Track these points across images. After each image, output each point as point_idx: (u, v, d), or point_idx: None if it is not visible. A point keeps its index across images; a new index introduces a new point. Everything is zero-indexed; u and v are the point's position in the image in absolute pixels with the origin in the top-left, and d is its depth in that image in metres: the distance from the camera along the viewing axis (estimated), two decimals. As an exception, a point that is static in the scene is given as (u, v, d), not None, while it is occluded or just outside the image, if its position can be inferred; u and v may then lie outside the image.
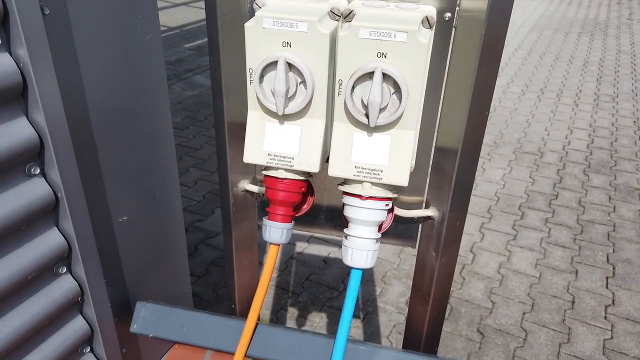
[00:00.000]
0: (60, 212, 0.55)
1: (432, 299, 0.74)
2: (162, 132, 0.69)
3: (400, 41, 0.49)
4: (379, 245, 0.61)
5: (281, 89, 0.52)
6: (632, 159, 2.91)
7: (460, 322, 1.77)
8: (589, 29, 5.83)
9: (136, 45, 0.60)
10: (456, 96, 0.60)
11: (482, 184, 2.63)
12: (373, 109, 0.51)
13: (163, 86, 0.66)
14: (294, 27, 0.51)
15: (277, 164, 0.58)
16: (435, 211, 0.68)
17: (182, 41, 5.10)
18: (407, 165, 0.55)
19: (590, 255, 2.11)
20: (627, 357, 1.64)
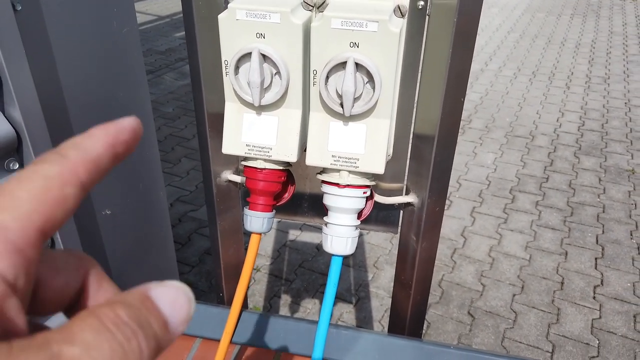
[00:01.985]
0: (41, 206, 0.55)
1: (415, 283, 0.76)
2: (143, 124, 0.69)
3: (372, 31, 0.50)
4: (358, 232, 0.62)
5: (256, 80, 0.53)
6: (623, 140, 2.93)
7: (451, 305, 1.79)
8: (581, 11, 5.81)
9: (112, 38, 0.60)
10: (432, 83, 0.61)
11: (474, 168, 2.65)
12: (347, 98, 0.52)
13: (142, 78, 0.66)
14: (267, 19, 0.52)
15: (256, 154, 0.59)
16: (414, 197, 0.70)
17: (173, 30, 5.06)
18: (383, 153, 0.56)
19: (579, 236, 2.14)
20: (615, 336, 1.67)
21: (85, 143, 0.18)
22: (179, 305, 0.17)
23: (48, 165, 0.17)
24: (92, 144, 0.18)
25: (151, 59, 4.23)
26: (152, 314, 0.16)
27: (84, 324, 0.15)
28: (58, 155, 0.17)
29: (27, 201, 0.16)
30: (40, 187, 0.16)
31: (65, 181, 0.17)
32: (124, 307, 0.16)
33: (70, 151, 0.17)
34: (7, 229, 0.15)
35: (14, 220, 0.15)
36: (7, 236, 0.15)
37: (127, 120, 0.19)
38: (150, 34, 4.89)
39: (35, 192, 0.16)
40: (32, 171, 0.16)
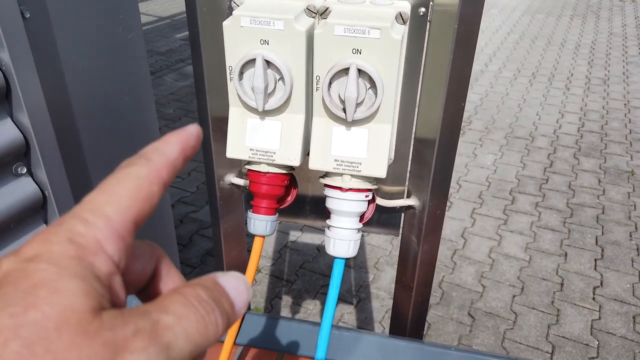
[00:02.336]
0: (49, 209, 0.56)
1: (416, 285, 0.76)
2: (148, 128, 0.70)
3: (374, 37, 0.51)
4: (360, 235, 0.63)
5: (260, 86, 0.54)
6: (622, 141, 2.94)
7: (451, 306, 1.80)
8: (581, 12, 5.82)
9: (118, 44, 0.61)
10: (433, 88, 0.62)
11: (474, 169, 2.66)
12: (350, 104, 0.53)
13: (146, 83, 0.67)
14: (271, 25, 0.53)
15: (259, 158, 0.60)
16: (416, 200, 0.70)
17: (173, 31, 5.07)
18: (385, 157, 0.57)
19: (579, 238, 2.15)
20: (614, 337, 1.68)
21: (164, 148, 0.21)
22: (241, 291, 0.21)
23: (138, 167, 0.20)
24: (170, 148, 0.21)
25: (152, 60, 4.24)
26: (222, 295, 0.20)
27: (174, 299, 0.18)
28: (144, 159, 0.20)
29: (125, 197, 0.19)
30: (134, 186, 0.19)
31: (152, 181, 0.20)
32: (202, 288, 0.19)
33: (154, 155, 0.20)
34: (112, 220, 0.18)
35: (117, 213, 0.19)
36: (112, 226, 0.18)
37: (193, 128, 0.22)
38: (151, 35, 4.89)
39: (131, 190, 0.19)
40: (126, 172, 0.20)
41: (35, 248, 0.17)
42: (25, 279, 0.16)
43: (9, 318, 0.15)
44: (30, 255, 0.17)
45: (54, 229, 0.18)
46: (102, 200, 0.19)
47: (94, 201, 0.19)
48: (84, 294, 0.16)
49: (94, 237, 0.18)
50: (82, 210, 0.18)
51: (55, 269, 0.16)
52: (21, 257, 0.17)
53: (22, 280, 0.16)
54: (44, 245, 0.17)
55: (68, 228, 0.18)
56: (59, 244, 0.17)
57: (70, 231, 0.17)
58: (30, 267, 0.16)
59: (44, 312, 0.15)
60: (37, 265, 0.16)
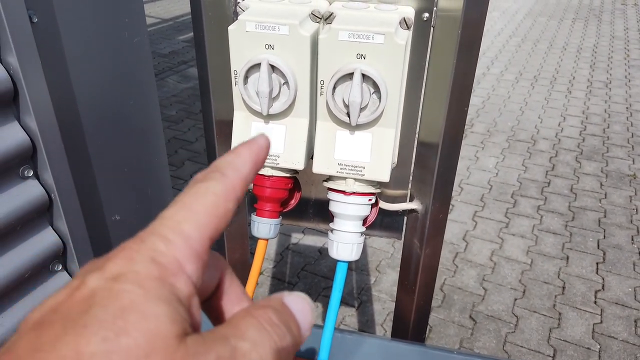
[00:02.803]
0: (55, 212, 0.57)
1: (418, 288, 0.77)
2: (152, 132, 0.71)
3: (378, 43, 0.51)
4: (363, 238, 0.64)
5: (265, 90, 0.54)
6: (624, 145, 2.94)
7: (452, 309, 1.80)
8: (583, 15, 5.82)
9: (124, 49, 0.61)
10: (436, 93, 0.62)
11: (475, 172, 2.66)
12: (354, 108, 0.53)
13: (152, 87, 0.68)
14: (276, 30, 0.53)
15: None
16: (418, 204, 0.71)
17: (176, 33, 5.08)
18: (388, 161, 0.57)
19: (581, 241, 2.15)
20: (616, 341, 1.68)
21: (237, 162, 0.21)
22: (306, 313, 0.21)
23: (214, 183, 0.20)
24: (243, 163, 0.21)
25: (154, 62, 4.25)
26: (291, 318, 0.20)
27: (249, 323, 0.18)
28: (220, 174, 0.20)
29: (202, 214, 0.19)
30: (211, 202, 0.19)
31: (227, 197, 0.20)
32: (273, 311, 0.19)
33: (229, 170, 0.20)
34: (190, 237, 0.18)
35: (195, 231, 0.19)
36: (191, 244, 0.18)
37: (262, 139, 0.22)
38: (154, 37, 4.91)
39: (208, 206, 0.19)
40: (204, 188, 0.20)
41: (119, 266, 0.17)
42: (114, 301, 0.16)
43: (102, 343, 0.15)
44: (115, 273, 0.17)
45: (136, 246, 0.18)
46: (181, 217, 0.19)
47: (173, 218, 0.19)
48: (170, 320, 0.16)
49: (175, 257, 0.18)
50: (163, 227, 0.18)
51: (141, 291, 0.16)
52: (106, 275, 0.17)
53: (111, 302, 0.16)
54: (127, 264, 0.17)
55: (150, 247, 0.18)
56: (142, 263, 0.17)
57: (152, 250, 0.18)
58: (116, 288, 0.16)
59: (135, 338, 0.15)
60: (123, 286, 0.16)
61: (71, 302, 0.16)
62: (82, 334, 0.15)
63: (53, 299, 0.17)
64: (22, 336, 0.16)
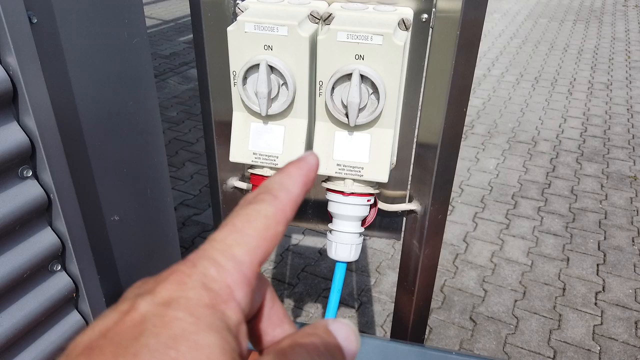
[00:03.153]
0: (54, 212, 0.57)
1: (417, 289, 0.77)
2: (152, 132, 0.71)
3: (377, 44, 0.51)
4: (362, 239, 0.64)
5: (263, 91, 0.54)
6: (625, 146, 2.93)
7: (453, 311, 1.80)
8: (584, 16, 5.82)
9: (123, 49, 0.62)
10: (435, 94, 0.62)
11: (476, 173, 2.66)
12: (352, 109, 0.53)
13: (151, 87, 0.68)
14: (275, 31, 0.53)
15: (263, 162, 0.60)
16: (417, 205, 0.71)
17: (177, 34, 5.09)
18: (387, 162, 0.57)
19: (581, 242, 2.14)
20: (616, 342, 1.67)
21: (288, 183, 0.20)
22: (351, 342, 0.20)
23: (266, 205, 0.19)
24: (293, 184, 0.20)
25: (155, 63, 4.26)
26: (336, 348, 0.20)
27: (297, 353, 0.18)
28: (272, 196, 0.20)
29: (253, 238, 0.19)
30: (262, 225, 0.19)
31: (278, 220, 0.19)
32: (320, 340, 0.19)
33: (281, 193, 0.20)
34: (241, 262, 0.18)
35: (246, 255, 0.18)
36: (242, 270, 0.18)
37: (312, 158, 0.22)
38: (155, 38, 4.92)
39: (259, 230, 0.19)
40: (256, 210, 0.19)
41: (170, 290, 0.17)
42: (165, 329, 0.16)
43: None
44: (167, 298, 0.17)
45: (187, 269, 0.18)
46: (232, 241, 0.19)
47: (224, 241, 0.19)
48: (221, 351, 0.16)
49: (226, 283, 0.18)
50: (214, 251, 0.18)
51: (193, 319, 0.16)
52: (157, 300, 0.17)
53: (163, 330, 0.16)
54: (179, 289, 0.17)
55: (201, 271, 0.18)
56: (193, 290, 0.17)
57: (203, 275, 0.17)
58: (168, 315, 0.16)
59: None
60: (174, 313, 0.16)
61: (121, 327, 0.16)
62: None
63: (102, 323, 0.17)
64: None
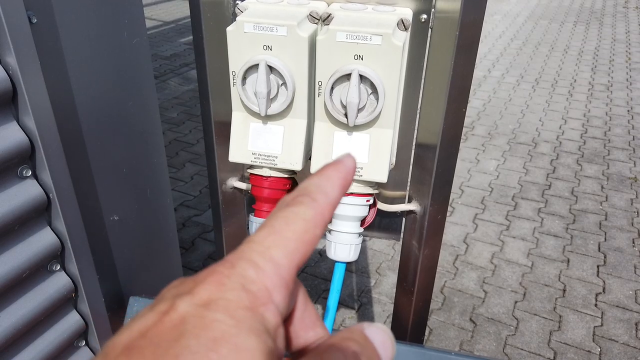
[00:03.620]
0: (53, 212, 0.57)
1: (417, 289, 0.77)
2: (152, 132, 0.71)
3: (376, 44, 0.51)
4: (361, 239, 0.64)
5: (263, 91, 0.54)
6: (625, 148, 2.93)
7: (453, 312, 1.80)
8: (584, 18, 5.82)
9: (123, 49, 0.62)
10: (434, 94, 0.62)
11: (476, 175, 2.66)
12: (351, 109, 0.53)
13: (151, 87, 0.68)
14: (274, 31, 0.53)
15: (262, 162, 0.60)
16: (417, 205, 0.71)
17: (178, 35, 5.09)
18: (386, 162, 0.57)
19: (582, 244, 2.14)
20: (616, 344, 1.67)
21: (326, 186, 0.20)
22: (387, 347, 0.20)
23: (305, 208, 0.19)
24: (332, 187, 0.20)
25: (156, 64, 4.26)
26: (374, 353, 0.19)
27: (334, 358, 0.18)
28: (310, 199, 0.20)
29: (292, 241, 0.19)
30: (301, 228, 0.19)
31: (316, 223, 0.19)
32: (357, 345, 0.19)
33: (319, 195, 0.20)
34: (280, 265, 0.18)
35: (284, 257, 0.18)
36: (280, 272, 0.18)
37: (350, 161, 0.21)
38: (155, 40, 4.92)
39: (298, 233, 0.19)
40: (294, 213, 0.19)
41: (209, 291, 0.17)
42: (206, 331, 0.16)
43: None
44: (206, 299, 0.17)
45: (226, 270, 0.18)
46: (271, 243, 0.18)
47: (262, 243, 0.18)
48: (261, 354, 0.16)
49: (264, 285, 0.17)
50: (253, 253, 0.18)
51: (233, 321, 0.16)
52: (196, 301, 0.17)
53: (203, 332, 0.16)
54: (218, 290, 0.17)
55: (240, 272, 0.17)
56: (233, 291, 0.17)
57: (243, 277, 0.17)
58: (208, 316, 0.16)
59: None
60: (214, 315, 0.16)
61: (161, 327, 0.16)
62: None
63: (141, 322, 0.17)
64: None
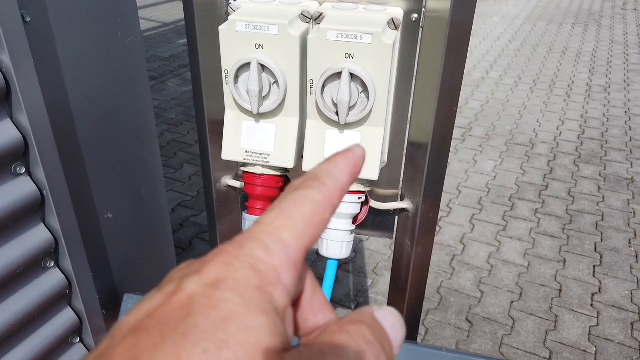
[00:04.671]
0: (47, 209, 0.57)
1: (410, 287, 0.77)
2: (146, 131, 0.71)
3: (366, 42, 0.52)
4: (353, 236, 0.64)
5: (255, 89, 0.55)
6: (622, 149, 2.94)
7: (449, 312, 1.80)
8: (582, 20, 5.84)
9: (117, 48, 0.62)
10: (425, 93, 0.63)
11: (474, 175, 2.66)
12: (342, 107, 0.54)
13: (145, 86, 0.68)
14: (266, 30, 0.54)
15: (254, 160, 0.61)
16: (409, 203, 0.71)
17: (177, 37, 5.10)
18: (377, 160, 0.58)
19: (578, 244, 2.15)
20: (612, 343, 1.67)
21: (336, 172, 0.20)
22: (397, 330, 0.20)
23: (314, 191, 0.19)
24: (340, 173, 0.20)
25: (155, 65, 4.27)
26: (384, 336, 0.19)
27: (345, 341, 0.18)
28: (319, 183, 0.20)
29: (301, 223, 0.18)
30: (310, 211, 0.19)
31: (325, 207, 0.19)
32: (367, 327, 0.19)
33: (328, 180, 0.20)
34: (289, 246, 0.18)
35: (293, 239, 0.18)
36: (289, 253, 0.18)
37: (359, 150, 0.21)
38: (154, 41, 4.93)
39: (307, 215, 0.19)
40: (303, 196, 0.19)
41: (217, 271, 0.17)
42: (214, 310, 0.16)
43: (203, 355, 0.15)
44: (214, 279, 0.17)
45: (234, 250, 0.17)
46: (280, 224, 0.18)
47: (272, 224, 0.18)
48: (270, 333, 0.16)
49: (273, 265, 0.17)
50: (261, 233, 0.18)
51: (241, 300, 0.16)
52: (204, 281, 0.16)
53: (211, 311, 0.16)
54: (226, 269, 0.17)
55: (249, 252, 0.17)
56: (241, 270, 0.17)
57: (251, 256, 0.17)
58: (216, 296, 0.16)
59: (235, 352, 0.15)
60: (223, 294, 0.16)
61: (169, 307, 0.16)
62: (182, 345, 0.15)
63: (149, 303, 0.16)
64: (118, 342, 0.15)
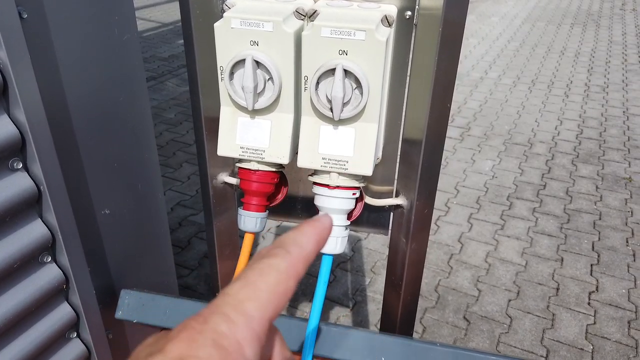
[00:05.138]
0: (44, 204, 0.58)
1: (405, 283, 0.78)
2: (143, 127, 0.72)
3: (359, 39, 0.52)
4: (348, 232, 0.65)
5: (249, 86, 0.56)
6: (620, 148, 2.95)
7: (447, 310, 1.81)
8: (581, 20, 5.85)
9: (114, 45, 0.63)
10: (419, 89, 0.63)
11: (472, 175, 2.67)
12: (336, 103, 0.54)
13: (142, 83, 0.69)
14: (260, 27, 0.54)
15: (250, 156, 0.61)
16: (404, 200, 0.72)
17: (176, 37, 5.11)
18: (371, 156, 0.59)
19: (576, 243, 2.15)
20: (609, 342, 1.68)
21: (301, 240, 0.21)
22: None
23: (279, 260, 0.20)
24: (307, 241, 0.21)
25: (154, 65, 4.27)
26: None
27: None
28: (284, 251, 0.20)
29: (265, 292, 0.19)
30: (274, 280, 0.19)
31: (290, 275, 0.20)
32: None
33: (293, 248, 0.20)
34: (252, 318, 0.18)
35: (256, 310, 0.18)
36: (252, 326, 0.18)
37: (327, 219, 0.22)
38: (154, 41, 4.94)
39: (271, 284, 0.19)
40: (268, 265, 0.19)
41: (180, 349, 0.17)
42: None
43: None
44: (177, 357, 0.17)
45: (199, 326, 0.18)
46: (244, 296, 0.19)
47: (236, 295, 0.19)
48: None
49: (236, 340, 0.18)
50: (226, 306, 0.18)
51: None
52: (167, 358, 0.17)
53: None
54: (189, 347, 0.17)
55: (213, 328, 0.18)
56: (204, 348, 0.17)
57: (215, 332, 0.18)
58: None
59: None
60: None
61: None
62: None
63: None
64: None
